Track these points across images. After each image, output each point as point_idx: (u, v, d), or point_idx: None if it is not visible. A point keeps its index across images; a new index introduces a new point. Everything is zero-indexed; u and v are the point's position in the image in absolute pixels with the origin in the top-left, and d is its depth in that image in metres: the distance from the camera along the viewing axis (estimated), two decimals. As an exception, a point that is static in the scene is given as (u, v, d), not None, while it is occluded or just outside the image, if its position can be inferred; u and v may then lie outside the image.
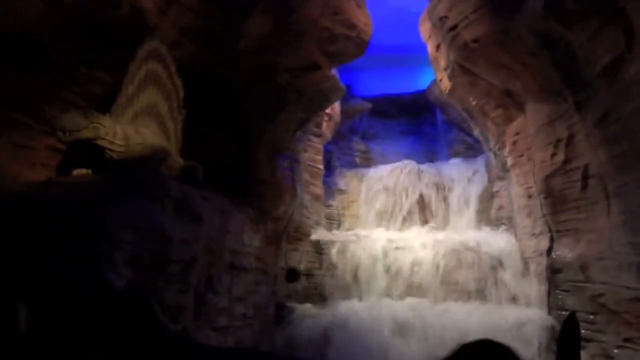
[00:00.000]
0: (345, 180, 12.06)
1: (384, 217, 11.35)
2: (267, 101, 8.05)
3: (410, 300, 8.43)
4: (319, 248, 9.32)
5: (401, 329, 7.48)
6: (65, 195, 3.82)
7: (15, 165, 4.87)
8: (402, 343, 7.27)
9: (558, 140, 6.95)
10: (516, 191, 8.70)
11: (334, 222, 11.54)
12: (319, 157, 10.90)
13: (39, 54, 4.90)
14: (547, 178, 7.24)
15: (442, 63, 8.87)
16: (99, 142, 4.73)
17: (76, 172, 4.93)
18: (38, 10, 4.59)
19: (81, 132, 4.60)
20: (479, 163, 11.28)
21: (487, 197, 10.73)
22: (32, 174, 4.99)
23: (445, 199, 11.27)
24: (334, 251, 9.22)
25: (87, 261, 3.24)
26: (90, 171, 4.94)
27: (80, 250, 3.23)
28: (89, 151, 4.78)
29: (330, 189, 11.73)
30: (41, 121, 5.09)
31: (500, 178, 10.30)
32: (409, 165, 11.81)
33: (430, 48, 9.44)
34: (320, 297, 8.83)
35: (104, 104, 5.21)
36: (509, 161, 8.80)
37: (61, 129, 4.59)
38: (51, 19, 4.76)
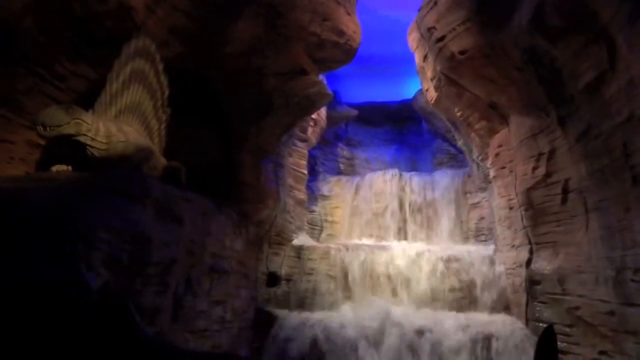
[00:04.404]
0: (329, 186, 12.07)
1: (368, 225, 11.37)
2: (252, 104, 8.01)
3: (392, 308, 8.41)
4: (301, 253, 9.28)
5: (383, 336, 7.46)
6: (43, 192, 3.73)
7: (-7, 159, 4.76)
8: (382, 352, 7.26)
9: (540, 154, 7.05)
10: (497, 203, 8.78)
11: (316, 227, 11.53)
12: (304, 162, 10.88)
13: (21, 47, 4.80)
14: (528, 191, 7.33)
15: (429, 73, 8.94)
16: (81, 138, 4.63)
17: (56, 168, 4.83)
18: (23, 3, 4.50)
19: (62, 128, 4.49)
20: (463, 174, 11.37)
21: (471, 208, 10.83)
22: (10, 168, 4.88)
23: (430, 208, 11.30)
24: (315, 257, 9.18)
25: (63, 261, 3.16)
26: (70, 168, 4.84)
27: (57, 250, 3.15)
28: (70, 147, 4.67)
29: (314, 195, 11.72)
30: (21, 115, 4.99)
31: (482, 189, 10.41)
32: (395, 174, 11.84)
33: (417, 58, 9.51)
34: (300, 302, 8.78)
35: (87, 100, 5.13)
36: (491, 173, 8.88)
37: (42, 123, 4.48)
38: (36, 12, 4.67)
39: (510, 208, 8.15)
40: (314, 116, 10.98)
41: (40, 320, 2.55)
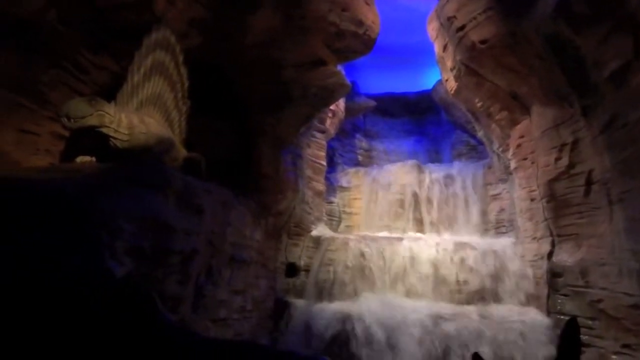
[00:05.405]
0: (348, 177, 12.06)
1: (387, 217, 11.33)
2: (271, 95, 8.03)
3: (410, 300, 8.40)
4: (320, 244, 9.31)
5: (402, 327, 7.46)
6: (68, 182, 3.80)
7: (19, 151, 4.84)
8: (403, 342, 7.26)
9: (563, 145, 6.94)
10: (519, 194, 8.68)
11: (334, 218, 11.54)
12: (322, 154, 10.89)
13: (44, 39, 4.87)
14: (551, 182, 7.23)
15: (449, 63, 8.85)
16: (104, 130, 4.70)
17: (80, 159, 4.92)
18: (47, -4, 4.58)
19: (86, 119, 4.57)
20: (483, 165, 11.24)
21: (491, 200, 10.72)
22: (35, 159, 4.97)
23: (450, 200, 11.21)
24: (334, 248, 9.21)
25: (88, 249, 3.22)
26: (94, 159, 4.93)
27: (82, 238, 3.22)
28: (93, 139, 4.75)
29: (332, 186, 11.73)
30: (45, 107, 5.07)
31: (503, 181, 10.29)
32: (413, 165, 11.77)
33: (437, 48, 9.42)
34: (319, 293, 8.82)
35: (109, 92, 5.20)
36: (512, 164, 8.78)
37: (66, 115, 4.56)
38: (59, 4, 4.74)
39: (532, 200, 8.05)
40: (332, 107, 10.95)
41: (67, 307, 2.60)
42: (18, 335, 2.36)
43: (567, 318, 5.32)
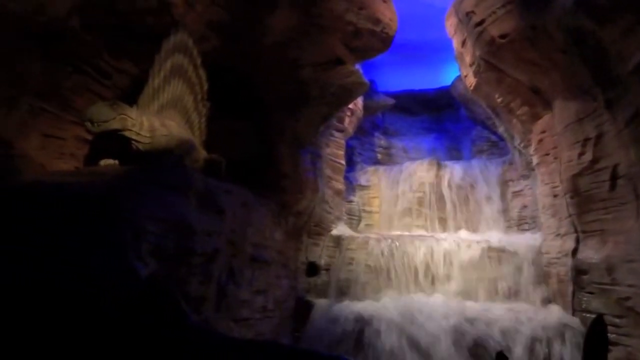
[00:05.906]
0: (367, 176, 12.00)
1: (407, 215, 11.26)
2: (289, 95, 8.05)
3: (433, 299, 8.34)
4: (340, 243, 9.31)
5: (424, 326, 7.41)
6: (93, 185, 3.88)
7: (44, 155, 4.97)
8: (425, 341, 7.21)
9: (586, 139, 6.80)
10: (541, 190, 8.54)
11: (354, 217, 11.51)
12: (341, 152, 10.87)
13: (67, 45, 4.97)
14: (574, 177, 7.09)
15: (468, 59, 8.75)
16: (126, 133, 4.80)
17: (103, 162, 5.02)
18: (72, 4, 4.67)
19: (109, 123, 4.67)
20: (504, 161, 11.09)
21: (513, 197, 10.58)
22: (60, 163, 5.09)
23: (471, 197, 11.09)
24: (354, 247, 9.19)
25: (113, 251, 3.28)
26: (117, 162, 5.02)
27: (108, 239, 3.28)
28: (116, 142, 4.85)
29: (352, 185, 11.71)
30: (69, 111, 5.19)
31: (525, 177, 10.15)
32: (433, 162, 11.67)
33: (455, 44, 9.32)
34: (340, 292, 8.82)
35: (130, 96, 5.28)
36: (535, 160, 8.64)
37: (89, 119, 4.66)
38: (81, 11, 4.83)
39: (555, 196, 7.92)
40: (350, 106, 10.93)
41: (94, 305, 2.65)
42: (24, 336, 2.41)
43: (593, 316, 5.23)
